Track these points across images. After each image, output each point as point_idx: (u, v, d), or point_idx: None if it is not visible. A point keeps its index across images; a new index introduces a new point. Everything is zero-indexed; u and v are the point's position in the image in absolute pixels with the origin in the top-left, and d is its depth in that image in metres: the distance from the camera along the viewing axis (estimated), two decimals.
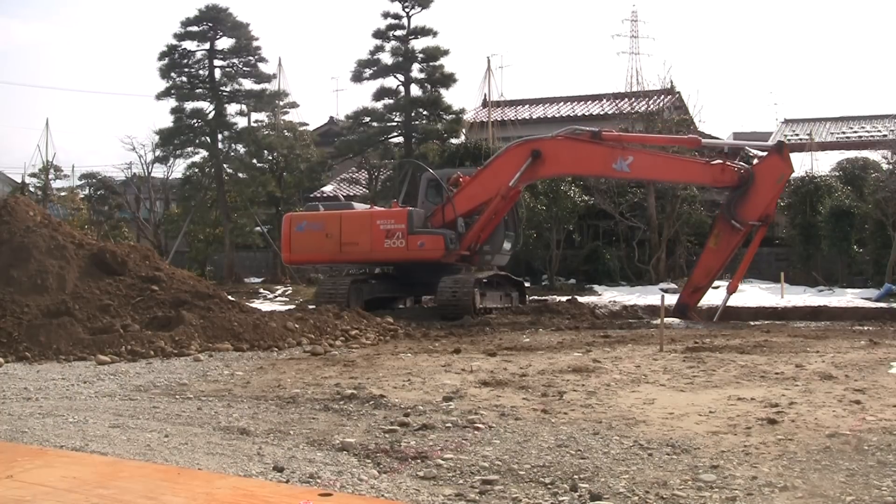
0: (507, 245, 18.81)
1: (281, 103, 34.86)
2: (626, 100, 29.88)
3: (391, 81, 30.72)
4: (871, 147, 28.35)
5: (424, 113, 30.81)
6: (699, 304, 17.28)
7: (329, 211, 18.82)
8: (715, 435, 5.76)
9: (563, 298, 19.74)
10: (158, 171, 38.10)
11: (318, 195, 33.79)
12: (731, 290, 16.80)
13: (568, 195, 25.22)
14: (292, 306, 19.44)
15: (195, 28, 31.31)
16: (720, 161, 16.63)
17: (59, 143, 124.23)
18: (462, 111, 31.56)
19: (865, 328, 14.56)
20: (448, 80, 30.44)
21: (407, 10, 30.18)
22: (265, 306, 18.63)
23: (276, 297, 24.78)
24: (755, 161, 19.10)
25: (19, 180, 42.81)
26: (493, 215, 17.54)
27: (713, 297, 17.84)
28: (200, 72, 31.87)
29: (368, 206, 20.66)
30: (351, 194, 33.06)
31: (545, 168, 17.54)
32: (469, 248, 17.73)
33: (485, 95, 35.49)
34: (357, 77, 30.74)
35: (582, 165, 18.11)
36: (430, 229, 17.62)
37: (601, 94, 34.87)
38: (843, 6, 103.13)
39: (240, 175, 33.36)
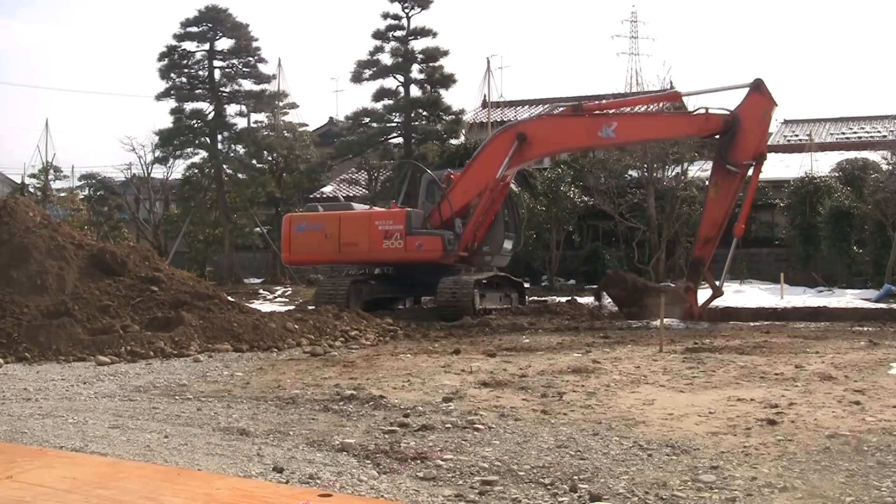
0: (507, 245, 18.78)
1: (280, 104, 34.87)
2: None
3: (391, 82, 30.78)
4: (871, 147, 28.37)
5: (424, 113, 30.80)
6: (710, 306, 16.43)
7: (328, 211, 18.83)
8: (714, 436, 5.76)
9: (563, 299, 19.73)
10: (158, 172, 38.11)
11: (318, 196, 33.80)
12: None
13: (567, 196, 25.24)
14: (292, 307, 19.43)
15: (195, 29, 31.31)
16: (703, 110, 16.51)
17: (59, 144, 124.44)
18: (462, 112, 31.60)
19: (865, 329, 14.52)
20: (448, 80, 30.46)
21: (406, 10, 30.19)
22: (265, 307, 18.61)
23: (275, 297, 24.79)
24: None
25: (19, 181, 42.80)
26: (486, 208, 17.48)
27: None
28: (200, 72, 31.88)
29: (368, 206, 20.65)
30: (350, 195, 33.06)
31: (533, 149, 17.45)
32: (467, 248, 17.70)
33: (484, 96, 35.58)
34: (357, 78, 30.76)
35: (568, 140, 18.05)
36: (429, 230, 17.60)
37: (601, 94, 34.82)
38: (843, 6, 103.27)
39: (239, 176, 33.35)
